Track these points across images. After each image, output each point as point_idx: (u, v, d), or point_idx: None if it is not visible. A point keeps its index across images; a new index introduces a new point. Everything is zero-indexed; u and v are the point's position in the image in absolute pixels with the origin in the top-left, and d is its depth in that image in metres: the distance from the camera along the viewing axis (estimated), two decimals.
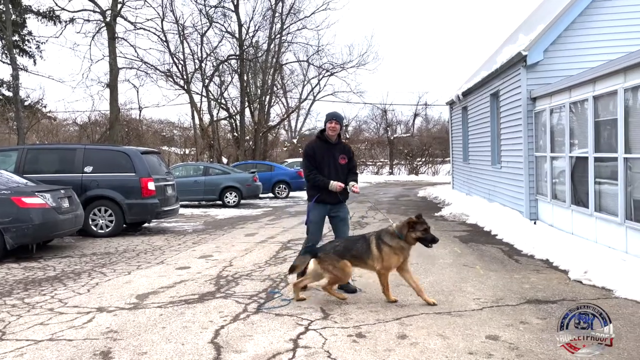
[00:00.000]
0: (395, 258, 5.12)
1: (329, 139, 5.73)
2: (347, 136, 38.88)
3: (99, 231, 10.51)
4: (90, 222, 10.43)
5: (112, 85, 23.82)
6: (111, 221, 10.56)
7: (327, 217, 5.84)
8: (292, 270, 5.46)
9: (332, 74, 32.16)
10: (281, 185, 21.06)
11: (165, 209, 11.21)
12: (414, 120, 41.98)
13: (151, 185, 10.68)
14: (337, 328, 4.49)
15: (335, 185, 5.56)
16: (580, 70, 8.30)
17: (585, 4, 9.82)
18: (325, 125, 5.76)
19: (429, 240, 5.12)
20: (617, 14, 9.80)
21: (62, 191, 8.92)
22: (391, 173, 38.10)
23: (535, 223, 9.97)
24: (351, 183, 5.66)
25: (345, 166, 5.75)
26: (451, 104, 19.01)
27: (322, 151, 5.69)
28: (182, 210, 14.70)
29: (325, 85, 36.10)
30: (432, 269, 6.74)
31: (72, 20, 23.54)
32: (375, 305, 5.17)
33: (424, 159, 38.54)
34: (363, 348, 4.01)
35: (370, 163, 40.31)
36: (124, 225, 10.87)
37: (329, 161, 5.67)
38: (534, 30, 10.55)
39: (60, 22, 23.51)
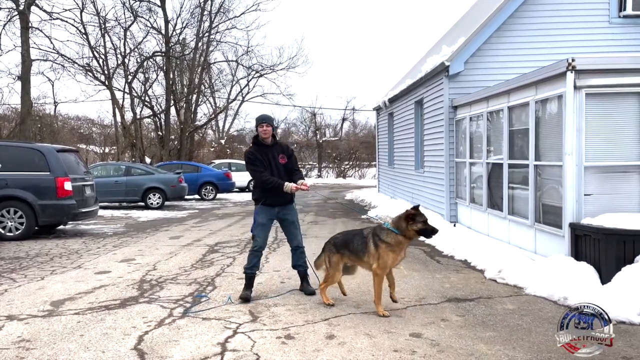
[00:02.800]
0: (392, 255, 4.85)
1: (264, 142, 5.68)
2: (277, 138, 38.79)
3: (8, 234, 9.77)
4: None
5: (24, 78, 22.20)
6: (21, 223, 9.85)
7: (276, 220, 5.74)
8: (317, 267, 5.60)
9: (261, 75, 32.05)
10: (208, 187, 20.60)
11: (83, 210, 10.63)
12: (342, 124, 42.71)
13: (68, 186, 10.09)
14: (266, 330, 4.47)
15: (290, 186, 5.47)
16: (498, 81, 8.85)
17: (501, 20, 10.49)
18: (257, 130, 5.71)
19: (429, 232, 4.81)
20: (530, 31, 10.55)
21: None
22: (319, 176, 38.51)
23: (455, 225, 10.48)
24: (300, 181, 5.59)
25: (285, 165, 5.70)
26: (378, 109, 19.55)
27: (262, 155, 5.62)
28: (101, 212, 14.00)
29: (254, 86, 35.88)
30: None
31: None
32: (304, 306, 5.21)
33: (351, 163, 39.29)
34: (292, 349, 4.03)
35: (299, 165, 40.44)
36: (36, 228, 10.17)
37: (269, 163, 5.61)
38: (455, 42, 11.11)
39: None
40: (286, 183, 5.50)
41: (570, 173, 6.28)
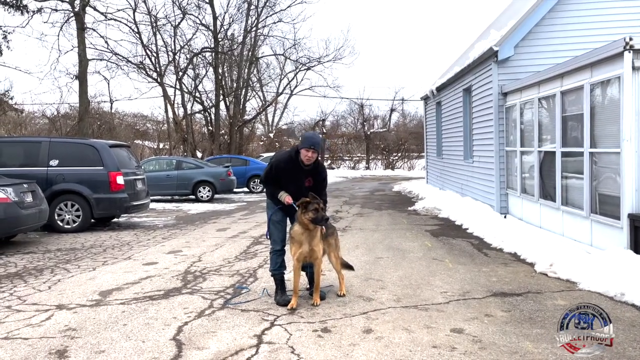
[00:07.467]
0: (294, 247, 4.89)
1: (302, 164, 4.99)
2: (325, 131, 38.82)
3: (65, 226, 10.23)
4: (56, 217, 10.15)
5: (82, 77, 23.19)
6: (78, 216, 10.30)
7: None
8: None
9: (308, 68, 32.04)
10: (256, 180, 20.84)
11: (135, 203, 10.98)
12: (390, 115, 42.13)
13: (120, 179, 10.45)
14: (303, 323, 4.44)
15: (284, 197, 5.00)
16: (549, 66, 8.39)
17: (554, 1, 9.94)
18: (301, 149, 4.91)
19: (320, 220, 4.77)
20: (584, 11, 9.95)
21: (25, 185, 8.65)
22: (367, 168, 38.21)
23: (505, 217, 10.08)
24: (312, 206, 4.80)
25: (309, 187, 5.07)
26: (426, 99, 19.11)
27: (290, 171, 5.03)
28: (153, 205, 14.45)
29: (302, 80, 36.04)
30: (402, 263, 6.75)
31: (39, 10, 22.78)
32: (343, 299, 5.13)
33: (400, 154, 38.72)
34: (327, 343, 3.97)
35: (347, 158, 40.39)
36: (92, 220, 10.61)
37: (293, 181, 5.05)
38: (505, 26, 10.64)
39: (27, 11, 22.72)
40: (282, 192, 5.03)
41: (629, 160, 5.87)
